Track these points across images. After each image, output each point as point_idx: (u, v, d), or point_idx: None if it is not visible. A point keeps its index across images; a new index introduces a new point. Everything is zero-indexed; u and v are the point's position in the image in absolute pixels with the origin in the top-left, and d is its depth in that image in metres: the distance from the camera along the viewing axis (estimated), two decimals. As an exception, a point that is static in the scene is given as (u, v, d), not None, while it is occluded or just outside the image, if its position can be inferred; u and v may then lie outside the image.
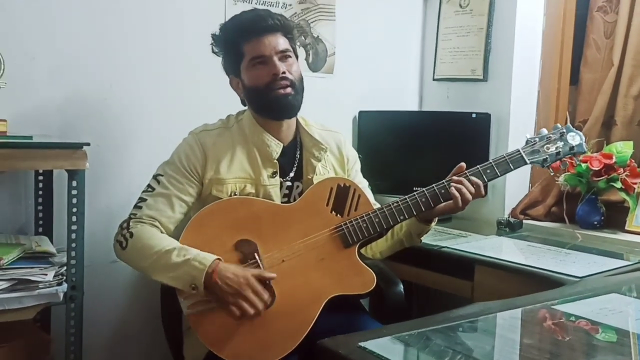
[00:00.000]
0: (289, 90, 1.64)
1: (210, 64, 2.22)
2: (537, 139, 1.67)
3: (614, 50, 2.37)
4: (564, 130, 1.68)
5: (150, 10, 2.08)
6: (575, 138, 1.67)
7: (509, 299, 1.36)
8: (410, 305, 2.49)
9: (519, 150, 1.65)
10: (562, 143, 1.66)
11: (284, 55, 1.65)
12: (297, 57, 1.72)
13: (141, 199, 1.63)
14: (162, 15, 2.11)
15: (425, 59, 2.83)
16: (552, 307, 1.33)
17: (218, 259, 1.50)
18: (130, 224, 1.58)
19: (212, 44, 1.74)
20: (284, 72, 1.63)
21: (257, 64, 1.64)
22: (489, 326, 1.26)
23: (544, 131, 1.69)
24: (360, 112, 2.64)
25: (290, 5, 2.40)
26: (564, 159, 1.69)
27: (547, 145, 1.66)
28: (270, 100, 1.64)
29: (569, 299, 1.41)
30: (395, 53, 2.75)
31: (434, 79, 2.77)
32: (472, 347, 1.12)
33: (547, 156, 1.65)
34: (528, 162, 1.65)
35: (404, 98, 2.81)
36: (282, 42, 1.66)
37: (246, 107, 1.75)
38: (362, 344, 1.07)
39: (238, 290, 1.46)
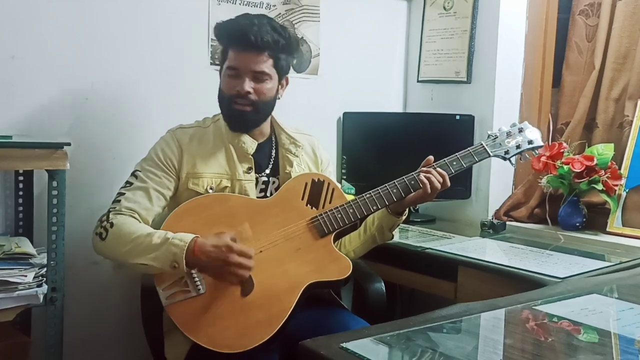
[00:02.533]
0: (247, 108, 1.68)
1: (193, 64, 2.22)
2: (497, 134, 1.79)
3: (595, 53, 2.39)
4: (522, 127, 1.81)
5: (133, 10, 2.06)
6: (533, 133, 1.80)
7: (491, 300, 1.36)
8: (394, 306, 2.49)
9: (481, 144, 1.77)
10: (521, 137, 1.79)
11: (257, 77, 1.67)
12: (281, 77, 1.73)
13: (120, 194, 1.64)
14: (145, 14, 2.09)
15: (409, 61, 2.84)
16: (534, 307, 1.34)
17: (196, 236, 1.51)
18: (110, 216, 1.59)
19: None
20: (248, 93, 1.66)
21: (230, 74, 1.68)
22: (471, 327, 1.26)
23: (504, 128, 1.81)
24: (345, 114, 2.64)
25: (274, 5, 2.39)
26: (525, 152, 1.80)
27: (507, 140, 1.78)
28: (229, 111, 1.71)
29: (551, 299, 1.41)
30: (379, 55, 2.76)
31: (418, 81, 2.78)
32: (454, 348, 1.12)
33: (508, 149, 1.78)
34: (491, 154, 1.77)
35: (388, 100, 2.81)
36: (261, 64, 1.66)
37: None
38: (344, 344, 1.06)
39: (223, 259, 1.47)
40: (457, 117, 2.51)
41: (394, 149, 2.56)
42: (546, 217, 2.40)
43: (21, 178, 1.90)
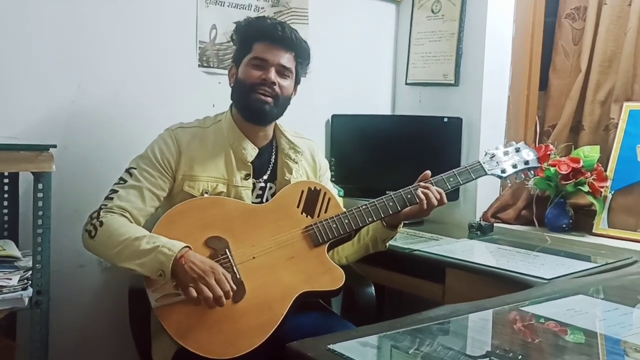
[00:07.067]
0: (269, 99, 1.68)
1: (181, 66, 2.21)
2: (495, 152, 1.84)
3: (581, 56, 2.41)
4: (519, 147, 1.86)
5: (120, 11, 2.05)
6: (529, 154, 1.86)
7: (478, 301, 1.37)
8: (382, 308, 2.49)
9: (479, 162, 1.80)
10: (518, 158, 1.84)
11: (282, 72, 1.69)
12: (297, 82, 1.78)
13: (112, 191, 1.63)
14: (132, 16, 2.08)
15: (397, 64, 2.85)
16: (521, 308, 1.35)
17: (187, 246, 1.49)
18: (101, 213, 1.58)
19: (233, 30, 1.78)
20: (273, 83, 1.67)
21: (255, 64, 1.68)
22: (459, 328, 1.27)
23: (501, 147, 1.87)
24: (333, 116, 2.64)
25: (263, 8, 2.39)
26: (520, 172, 1.85)
27: (504, 159, 1.83)
28: (249, 100, 1.68)
29: (538, 300, 1.42)
30: (368, 57, 2.76)
31: (406, 83, 2.79)
32: (441, 349, 1.12)
33: (505, 168, 1.82)
34: (488, 172, 1.79)
35: (377, 102, 2.82)
36: (288, 60, 1.70)
37: (227, 107, 1.78)
38: (331, 346, 1.07)
39: (201, 275, 1.45)
40: (445, 120, 2.52)
41: (382, 151, 2.57)
42: (533, 219, 2.41)
43: (6, 180, 1.87)
